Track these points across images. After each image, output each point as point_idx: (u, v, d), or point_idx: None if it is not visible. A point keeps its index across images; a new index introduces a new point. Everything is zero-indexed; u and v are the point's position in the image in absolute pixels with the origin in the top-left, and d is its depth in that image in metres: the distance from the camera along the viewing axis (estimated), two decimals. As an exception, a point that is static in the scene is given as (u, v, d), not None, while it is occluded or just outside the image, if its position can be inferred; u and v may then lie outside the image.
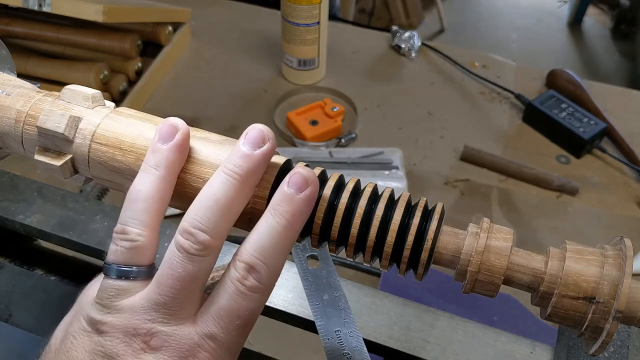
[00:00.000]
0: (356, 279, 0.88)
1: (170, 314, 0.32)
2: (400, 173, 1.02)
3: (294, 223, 0.33)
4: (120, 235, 0.33)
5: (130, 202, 0.34)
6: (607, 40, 2.87)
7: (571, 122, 1.09)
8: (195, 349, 0.32)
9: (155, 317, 0.32)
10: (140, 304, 0.32)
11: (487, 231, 0.35)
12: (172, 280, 0.32)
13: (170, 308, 0.32)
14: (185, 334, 0.32)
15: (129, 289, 0.33)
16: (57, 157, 0.37)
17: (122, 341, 0.32)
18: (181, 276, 0.32)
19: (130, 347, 0.32)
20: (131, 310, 0.32)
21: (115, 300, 0.33)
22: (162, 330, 0.32)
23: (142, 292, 0.33)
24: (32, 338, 0.52)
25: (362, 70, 1.26)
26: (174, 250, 0.32)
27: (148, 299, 0.32)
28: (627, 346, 0.50)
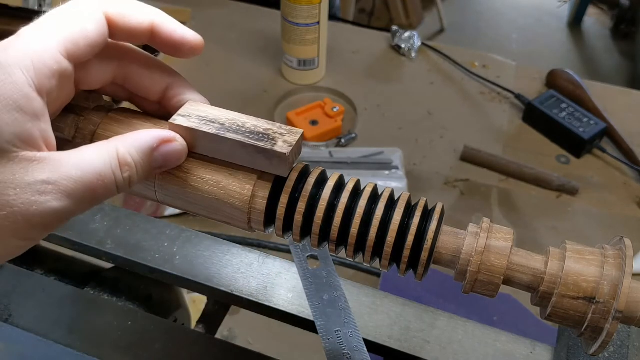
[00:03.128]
0: (356, 279, 0.88)
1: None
2: (400, 173, 1.02)
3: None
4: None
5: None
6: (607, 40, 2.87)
7: (571, 122, 1.09)
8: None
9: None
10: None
11: (487, 231, 0.35)
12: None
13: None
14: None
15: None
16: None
17: None
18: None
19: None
20: None
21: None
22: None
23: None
24: (32, 338, 0.52)
25: (362, 70, 1.26)
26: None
27: None
28: (627, 346, 0.50)
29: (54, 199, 0.29)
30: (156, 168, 0.34)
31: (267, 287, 0.57)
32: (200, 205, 0.36)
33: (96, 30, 0.32)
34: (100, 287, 0.61)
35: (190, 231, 0.61)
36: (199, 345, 0.54)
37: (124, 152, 0.32)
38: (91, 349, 0.52)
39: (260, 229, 0.37)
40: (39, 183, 0.28)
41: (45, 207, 0.28)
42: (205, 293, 0.59)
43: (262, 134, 0.34)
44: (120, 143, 0.32)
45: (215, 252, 0.59)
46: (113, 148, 0.31)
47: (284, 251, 0.91)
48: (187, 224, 0.83)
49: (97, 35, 0.32)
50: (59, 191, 0.29)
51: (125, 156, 0.32)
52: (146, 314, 0.58)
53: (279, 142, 0.34)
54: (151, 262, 0.58)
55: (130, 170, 0.32)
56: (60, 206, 0.29)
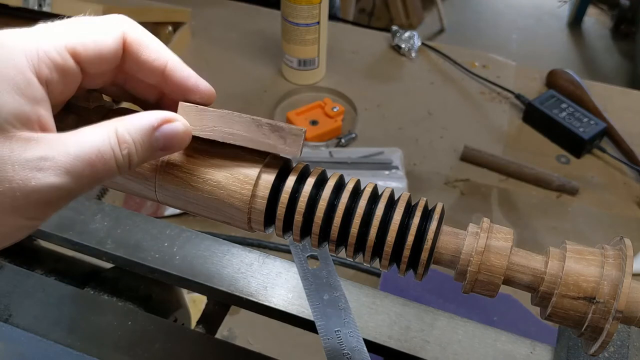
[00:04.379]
0: (356, 279, 0.88)
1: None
2: (400, 173, 1.02)
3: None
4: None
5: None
6: (607, 40, 2.87)
7: (571, 122, 1.09)
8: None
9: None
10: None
11: (487, 231, 0.35)
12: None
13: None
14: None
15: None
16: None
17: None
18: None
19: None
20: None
21: None
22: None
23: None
24: (32, 338, 0.52)
25: (362, 70, 1.26)
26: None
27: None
28: (627, 346, 0.50)
29: (52, 174, 0.29)
30: (158, 149, 0.33)
31: (267, 287, 0.57)
32: (200, 205, 0.36)
33: (109, 44, 0.33)
34: (100, 287, 0.61)
35: (190, 231, 0.61)
36: (199, 345, 0.54)
37: (122, 131, 0.31)
38: (91, 349, 0.52)
39: (260, 229, 0.37)
40: (37, 159, 0.28)
41: (44, 182, 0.28)
42: (205, 293, 0.59)
43: (268, 122, 0.35)
44: (119, 122, 0.32)
45: (215, 252, 0.59)
46: (112, 127, 0.31)
47: (284, 251, 0.91)
48: (187, 224, 0.83)
49: (109, 49, 0.33)
50: (57, 167, 0.29)
51: (124, 134, 0.31)
52: (146, 314, 0.58)
53: (290, 125, 0.35)
54: (151, 262, 0.58)
55: (129, 147, 0.31)
56: (59, 182, 0.29)
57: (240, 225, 0.36)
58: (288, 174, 0.36)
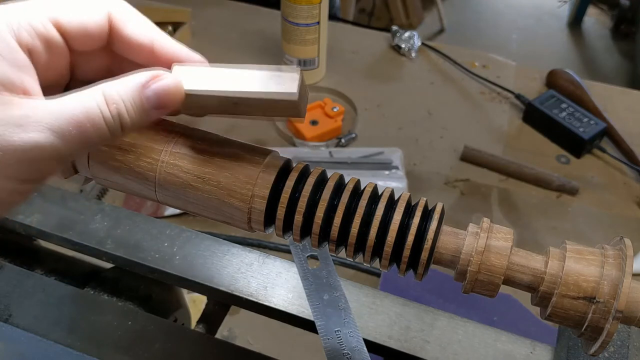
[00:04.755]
0: (356, 279, 0.88)
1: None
2: (400, 173, 1.02)
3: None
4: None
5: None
6: (607, 40, 2.87)
7: (571, 122, 1.09)
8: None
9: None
10: None
11: (487, 231, 0.35)
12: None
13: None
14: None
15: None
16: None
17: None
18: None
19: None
20: None
21: None
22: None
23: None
24: (32, 338, 0.52)
25: (362, 70, 1.26)
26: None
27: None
28: (627, 346, 0.50)
29: (34, 131, 0.28)
30: (152, 108, 0.32)
31: (267, 287, 0.57)
32: (200, 205, 0.36)
33: (94, 18, 0.33)
34: (100, 287, 0.61)
35: (190, 231, 0.61)
36: (199, 345, 0.54)
37: (109, 90, 0.31)
38: (91, 349, 0.52)
39: (260, 229, 0.37)
40: (19, 117, 0.28)
41: (28, 140, 0.28)
42: (205, 293, 0.59)
43: (263, 70, 0.34)
44: (106, 83, 0.31)
45: (215, 252, 0.59)
46: (98, 87, 0.31)
47: (284, 251, 0.91)
48: (187, 224, 0.83)
49: (94, 23, 0.33)
50: (41, 125, 0.28)
51: (111, 93, 0.31)
52: (146, 314, 0.58)
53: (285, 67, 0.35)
54: (151, 262, 0.58)
55: (117, 105, 0.31)
56: (44, 140, 0.28)
57: (240, 225, 0.36)
58: (288, 174, 0.36)
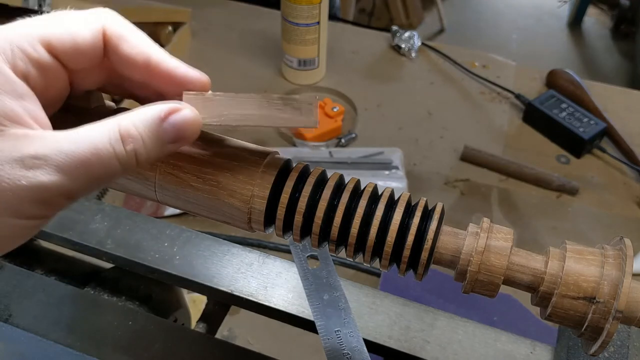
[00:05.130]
0: (356, 279, 0.88)
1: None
2: (400, 173, 1.02)
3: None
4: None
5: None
6: (607, 40, 2.87)
7: (571, 122, 1.09)
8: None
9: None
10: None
11: (487, 231, 0.35)
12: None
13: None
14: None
15: None
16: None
17: None
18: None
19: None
20: None
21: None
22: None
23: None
24: (32, 338, 0.52)
25: (362, 70, 1.26)
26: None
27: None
28: (627, 346, 0.50)
29: (43, 173, 0.27)
30: (170, 142, 0.31)
31: (267, 287, 0.57)
32: (200, 205, 0.36)
33: (86, 36, 0.32)
34: (100, 287, 0.61)
35: (190, 231, 0.61)
36: (199, 345, 0.54)
37: (127, 124, 0.30)
38: (91, 349, 0.52)
39: (260, 229, 0.37)
40: (27, 157, 0.27)
41: (35, 181, 0.27)
42: (205, 293, 0.59)
43: (280, 96, 0.34)
44: (122, 117, 0.30)
45: (215, 252, 0.59)
46: (114, 122, 0.30)
47: (284, 251, 0.91)
48: (187, 224, 0.83)
49: (86, 41, 0.32)
50: (49, 165, 0.28)
51: (128, 127, 0.30)
52: (146, 314, 0.58)
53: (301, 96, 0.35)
54: (151, 262, 0.58)
55: (134, 141, 0.30)
56: (50, 181, 0.28)
57: (240, 225, 0.36)
58: (288, 174, 0.36)
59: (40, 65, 0.31)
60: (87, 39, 0.32)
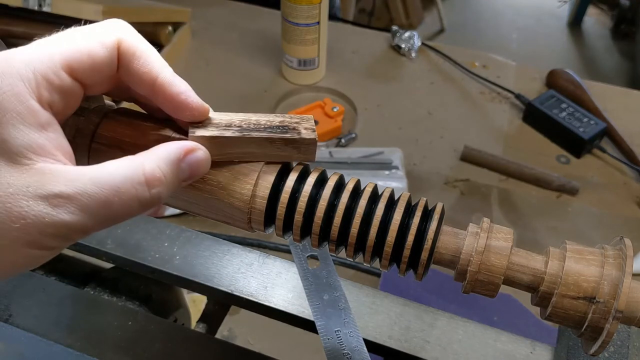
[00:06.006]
0: (356, 279, 0.88)
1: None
2: (400, 173, 1.02)
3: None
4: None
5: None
6: (607, 40, 2.86)
7: (571, 122, 1.09)
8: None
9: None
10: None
11: (487, 231, 0.35)
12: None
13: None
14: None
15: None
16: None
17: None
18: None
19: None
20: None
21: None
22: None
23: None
24: (32, 338, 0.52)
25: (362, 70, 1.26)
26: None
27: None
28: (627, 346, 0.50)
29: (66, 212, 0.28)
30: (183, 180, 0.33)
31: (267, 287, 0.57)
32: (200, 205, 0.36)
33: (103, 57, 0.32)
34: (100, 287, 0.61)
35: (190, 231, 0.61)
36: (199, 345, 0.54)
37: (152, 167, 0.31)
38: (91, 349, 0.52)
39: (260, 229, 0.37)
40: (52, 196, 0.28)
41: (58, 219, 0.28)
42: (205, 293, 0.59)
43: (281, 127, 0.35)
44: (146, 158, 0.31)
45: (215, 252, 0.59)
46: (138, 163, 0.31)
47: (284, 251, 0.91)
48: (187, 224, 0.83)
49: (104, 62, 0.32)
50: (72, 204, 0.28)
51: (155, 170, 0.31)
52: (146, 314, 0.58)
53: (302, 130, 0.35)
54: (151, 262, 0.58)
55: (160, 185, 0.31)
56: (73, 220, 0.29)
57: (241, 225, 0.36)
58: (288, 174, 0.36)
59: (62, 92, 0.31)
60: (105, 57, 0.32)
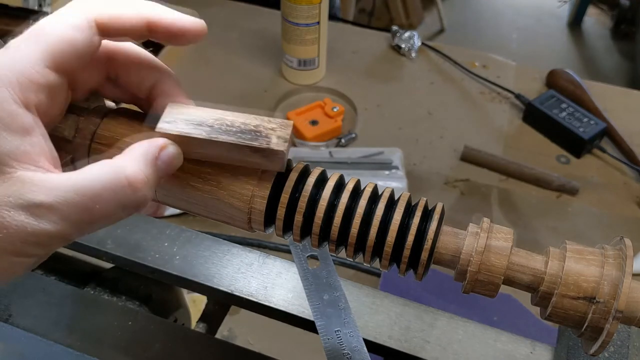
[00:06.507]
0: (356, 279, 0.88)
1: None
2: (400, 173, 1.02)
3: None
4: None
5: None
6: (607, 40, 2.86)
7: (571, 122, 1.09)
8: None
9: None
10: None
11: (487, 231, 0.35)
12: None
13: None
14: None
15: None
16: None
17: None
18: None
19: None
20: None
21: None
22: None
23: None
24: (32, 338, 0.52)
25: (362, 70, 1.26)
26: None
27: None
28: (627, 346, 0.50)
29: (47, 222, 0.28)
30: (161, 177, 0.32)
31: (267, 287, 0.57)
32: (200, 205, 0.36)
33: (83, 39, 0.31)
34: (100, 287, 0.61)
35: (190, 231, 0.61)
36: (199, 345, 0.54)
37: (134, 170, 0.30)
38: (91, 349, 0.52)
39: (261, 229, 0.37)
40: (33, 206, 0.28)
41: (39, 229, 0.28)
42: (205, 293, 0.59)
43: (253, 132, 0.34)
44: (126, 160, 0.31)
45: (215, 252, 0.59)
46: (119, 167, 0.30)
47: (284, 251, 0.91)
48: (187, 224, 0.83)
49: (85, 44, 0.32)
50: (53, 214, 0.28)
51: (137, 173, 0.30)
52: (146, 314, 0.58)
53: (273, 139, 0.34)
54: (151, 262, 0.58)
55: (144, 186, 0.31)
56: (54, 229, 0.29)
57: (241, 225, 0.36)
58: (288, 174, 0.36)
59: (49, 89, 0.31)
60: (83, 40, 0.32)
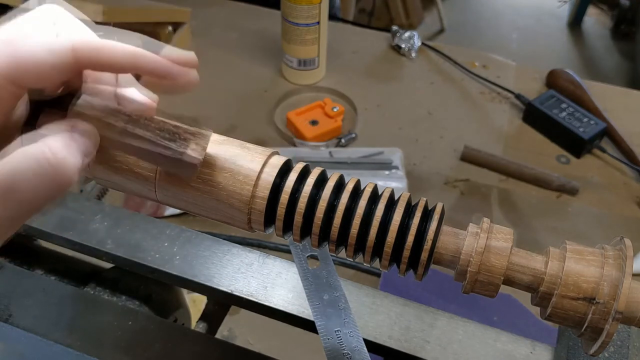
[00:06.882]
0: (356, 279, 0.88)
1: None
2: (400, 173, 1.02)
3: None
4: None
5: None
6: (607, 40, 2.87)
7: (571, 122, 1.09)
8: None
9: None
10: None
11: (487, 231, 0.35)
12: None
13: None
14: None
15: None
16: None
17: None
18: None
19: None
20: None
21: None
22: None
23: None
24: (32, 338, 0.52)
25: (362, 70, 1.26)
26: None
27: None
28: (627, 346, 0.50)
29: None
30: (85, 154, 0.31)
31: (267, 287, 0.57)
32: (200, 205, 0.36)
33: (54, 66, 0.30)
34: (100, 287, 0.61)
35: (190, 231, 0.61)
36: (199, 345, 0.54)
37: (53, 138, 0.29)
38: (91, 349, 0.52)
39: (261, 229, 0.37)
40: None
41: None
42: (205, 293, 0.59)
43: (170, 133, 0.32)
44: (50, 142, 0.29)
45: (215, 252, 0.59)
46: (40, 151, 0.29)
47: (284, 251, 0.91)
48: (187, 224, 0.83)
49: (56, 71, 0.30)
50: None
51: (54, 139, 0.29)
52: (146, 314, 0.58)
53: (189, 149, 0.32)
54: (151, 262, 0.58)
55: (67, 150, 0.29)
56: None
57: (240, 225, 0.36)
58: (288, 174, 0.36)
59: (7, 106, 0.30)
60: (56, 67, 0.30)
